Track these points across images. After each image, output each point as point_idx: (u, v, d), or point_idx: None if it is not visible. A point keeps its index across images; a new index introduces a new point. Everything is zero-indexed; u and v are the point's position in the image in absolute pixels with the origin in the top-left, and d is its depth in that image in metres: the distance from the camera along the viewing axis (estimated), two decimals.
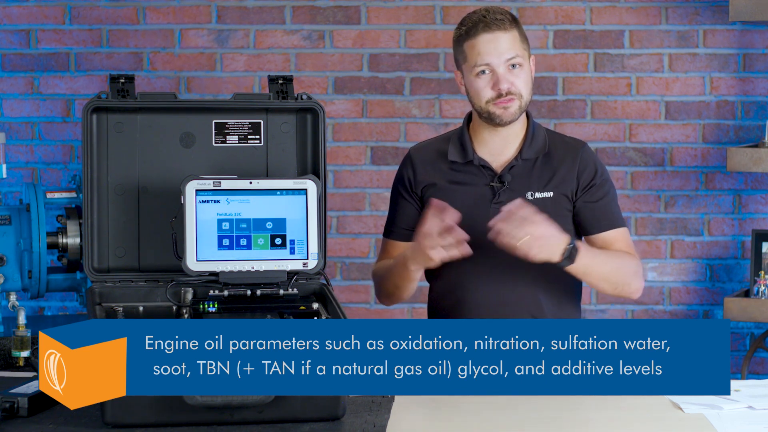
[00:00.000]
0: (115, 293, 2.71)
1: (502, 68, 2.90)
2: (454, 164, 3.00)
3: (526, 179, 2.97)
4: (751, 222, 4.37)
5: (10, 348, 2.91)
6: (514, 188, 2.97)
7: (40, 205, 3.01)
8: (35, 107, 4.43)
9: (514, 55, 2.90)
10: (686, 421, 2.45)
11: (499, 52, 2.90)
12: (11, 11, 4.40)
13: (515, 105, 2.91)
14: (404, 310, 4.42)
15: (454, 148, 3.01)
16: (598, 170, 3.02)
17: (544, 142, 3.00)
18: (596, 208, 3.00)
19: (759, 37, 4.34)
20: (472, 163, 2.99)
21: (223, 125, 2.85)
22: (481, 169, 2.99)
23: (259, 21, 4.40)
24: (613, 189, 3.05)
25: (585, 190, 2.99)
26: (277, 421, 2.38)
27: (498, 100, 2.90)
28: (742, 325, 4.37)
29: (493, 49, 2.90)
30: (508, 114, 2.92)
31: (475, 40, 2.91)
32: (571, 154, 3.00)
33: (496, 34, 2.90)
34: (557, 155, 3.00)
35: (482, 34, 2.90)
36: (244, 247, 2.68)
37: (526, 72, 2.93)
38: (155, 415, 2.34)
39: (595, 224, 3.01)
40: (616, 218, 3.03)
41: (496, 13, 2.92)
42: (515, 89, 2.90)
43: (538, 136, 3.00)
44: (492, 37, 2.90)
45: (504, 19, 2.91)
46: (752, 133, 4.35)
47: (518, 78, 2.91)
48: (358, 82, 4.41)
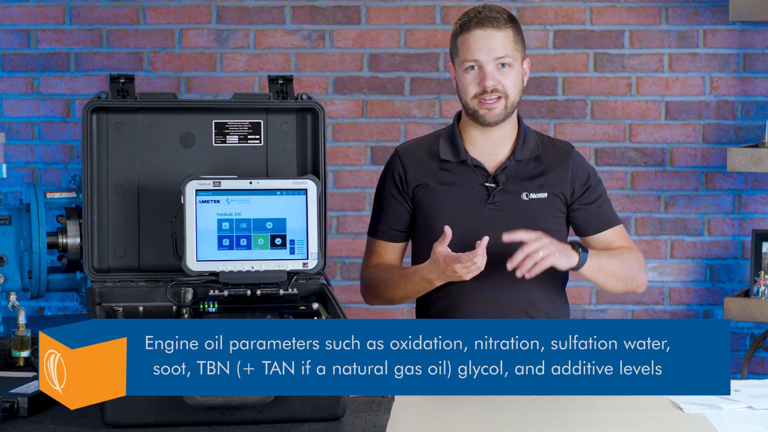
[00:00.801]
0: (115, 293, 2.71)
1: (491, 66, 2.90)
2: (445, 163, 2.99)
3: (519, 180, 2.98)
4: (751, 222, 4.37)
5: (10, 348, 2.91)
6: (508, 189, 2.97)
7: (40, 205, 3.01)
8: (35, 107, 4.43)
9: (504, 54, 2.90)
10: (686, 421, 2.45)
11: (489, 49, 2.90)
12: (11, 11, 4.40)
13: (500, 105, 2.91)
14: (404, 310, 4.42)
15: (446, 146, 3.00)
16: (590, 173, 3.04)
17: (535, 145, 3.00)
18: (592, 210, 3.02)
19: (759, 37, 4.34)
20: (465, 163, 2.99)
21: (223, 125, 2.85)
22: (474, 169, 2.98)
23: (259, 21, 4.40)
24: (604, 188, 3.07)
25: (581, 192, 3.01)
26: (277, 421, 2.38)
27: (483, 98, 2.90)
28: (742, 325, 4.37)
29: (484, 45, 2.90)
30: (492, 115, 2.92)
31: (468, 35, 2.91)
32: (562, 157, 3.01)
33: (489, 32, 2.90)
34: (548, 158, 3.00)
35: (475, 30, 2.91)
36: (244, 247, 2.68)
37: (516, 73, 2.93)
38: (155, 415, 2.34)
39: (593, 225, 3.03)
40: (612, 217, 3.06)
41: (493, 11, 2.92)
42: (501, 88, 2.90)
43: (529, 138, 3.01)
44: (484, 34, 2.90)
45: (499, 18, 2.91)
46: (752, 133, 4.35)
47: (506, 77, 2.91)
48: (358, 82, 4.41)
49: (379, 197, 3.07)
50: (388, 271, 3.01)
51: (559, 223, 3.00)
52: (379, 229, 3.06)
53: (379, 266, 3.04)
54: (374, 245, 3.07)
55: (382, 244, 3.06)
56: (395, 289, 2.98)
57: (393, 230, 3.04)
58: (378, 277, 3.02)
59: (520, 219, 2.94)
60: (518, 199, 2.96)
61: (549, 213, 2.96)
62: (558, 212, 3.00)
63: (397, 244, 3.06)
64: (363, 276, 3.08)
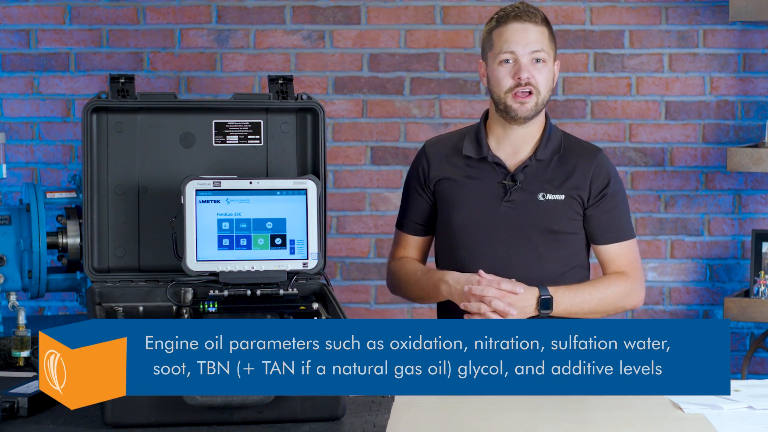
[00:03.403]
0: (115, 293, 2.71)
1: (526, 59, 2.92)
2: (468, 159, 3.02)
3: (538, 180, 2.98)
4: (751, 222, 4.37)
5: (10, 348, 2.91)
6: (525, 188, 2.97)
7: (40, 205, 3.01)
8: (35, 107, 4.43)
9: (539, 48, 2.92)
10: (686, 421, 2.45)
11: (525, 42, 2.92)
12: (11, 11, 4.40)
13: (532, 101, 2.92)
14: (404, 310, 4.42)
15: (470, 143, 3.02)
16: (611, 180, 3.01)
17: (559, 144, 3.00)
18: (605, 218, 3.00)
19: (759, 37, 4.34)
20: (486, 160, 3.00)
21: (223, 125, 2.85)
22: (495, 166, 3.00)
23: (259, 21, 4.40)
24: (626, 200, 3.04)
25: (596, 198, 2.99)
26: (277, 421, 2.38)
27: (516, 91, 2.91)
28: (742, 325, 4.37)
29: (521, 38, 2.92)
30: (524, 109, 2.93)
31: (505, 27, 2.94)
32: (586, 159, 3.00)
33: (526, 25, 2.92)
34: (572, 158, 3.00)
35: (512, 22, 2.93)
36: (244, 247, 2.68)
37: (549, 70, 2.95)
38: (155, 415, 2.34)
39: (602, 235, 3.01)
40: (625, 230, 3.02)
41: (530, 8, 2.96)
42: (535, 82, 2.91)
43: (554, 137, 3.01)
44: (521, 27, 2.92)
45: (537, 14, 2.95)
46: (752, 133, 4.35)
47: (540, 73, 2.93)
48: (358, 82, 4.41)
49: (405, 191, 3.13)
50: (411, 267, 3.07)
51: (574, 226, 2.98)
52: (405, 222, 3.12)
53: (405, 260, 3.10)
54: (400, 237, 3.14)
55: (406, 237, 3.12)
56: (413, 287, 3.03)
57: (416, 224, 3.10)
58: (402, 272, 3.08)
59: (534, 219, 2.95)
60: (534, 198, 2.96)
61: (564, 214, 2.96)
62: (574, 214, 2.98)
63: (420, 237, 3.11)
64: (389, 267, 3.15)
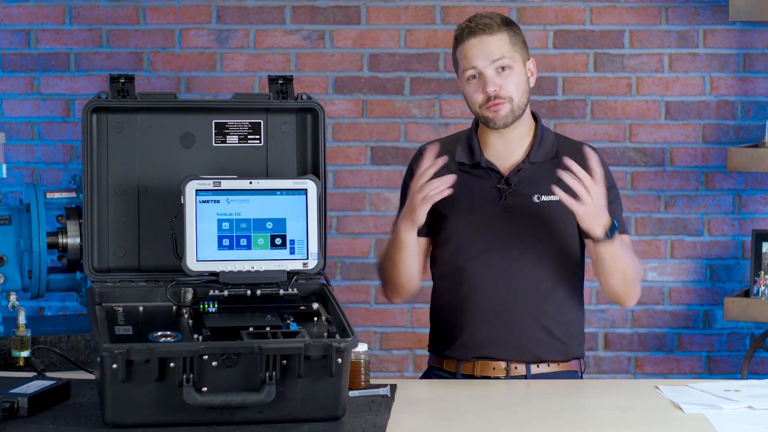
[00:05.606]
0: (115, 293, 2.71)
1: (490, 71, 2.92)
2: (462, 165, 3.01)
3: (532, 182, 2.97)
4: (751, 222, 4.37)
5: (10, 348, 2.91)
6: (520, 191, 2.97)
7: (40, 205, 3.01)
8: (35, 107, 4.43)
9: (500, 56, 2.91)
10: (686, 421, 2.45)
11: (484, 54, 2.91)
12: (11, 11, 4.40)
13: (506, 108, 2.93)
14: (404, 311, 4.42)
15: (462, 149, 3.02)
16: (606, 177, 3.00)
17: (552, 146, 3.01)
18: None
19: (759, 37, 4.34)
20: (479, 165, 3.00)
21: (223, 125, 2.85)
22: (488, 171, 2.99)
23: (259, 21, 4.40)
24: (619, 197, 3.04)
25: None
26: (277, 421, 2.38)
27: (488, 104, 2.92)
28: (742, 325, 4.37)
29: (479, 52, 2.92)
30: (499, 117, 2.93)
31: (464, 44, 2.95)
32: (578, 159, 2.99)
33: (481, 38, 2.92)
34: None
35: (468, 39, 2.94)
36: (244, 247, 2.68)
37: (517, 74, 2.94)
38: (155, 415, 2.34)
39: None
40: (620, 226, 3.01)
41: (484, 18, 2.95)
42: (504, 93, 2.92)
43: (546, 139, 3.01)
44: (477, 41, 2.93)
45: (491, 23, 2.93)
46: (752, 133, 4.35)
47: (507, 81, 2.92)
48: (358, 82, 4.41)
49: (402, 194, 3.11)
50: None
51: (570, 226, 2.96)
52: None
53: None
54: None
55: None
56: (386, 260, 2.99)
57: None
58: (379, 260, 3.04)
59: (531, 221, 2.95)
60: (529, 201, 2.96)
61: (561, 216, 2.95)
62: (569, 215, 2.97)
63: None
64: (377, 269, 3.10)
